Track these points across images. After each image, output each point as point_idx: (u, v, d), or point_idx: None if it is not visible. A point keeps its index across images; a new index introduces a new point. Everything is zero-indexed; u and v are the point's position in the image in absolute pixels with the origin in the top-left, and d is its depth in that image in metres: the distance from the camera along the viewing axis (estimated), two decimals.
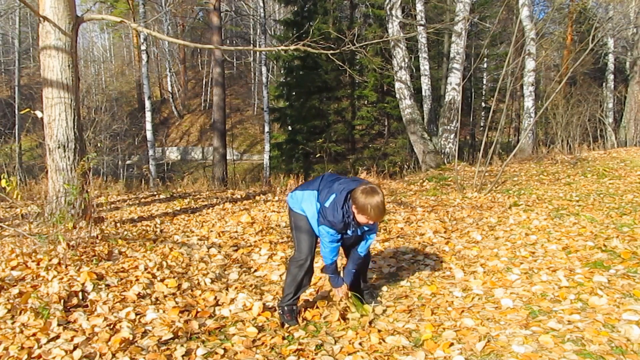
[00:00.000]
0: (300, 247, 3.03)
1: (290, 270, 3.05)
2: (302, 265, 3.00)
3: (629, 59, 15.86)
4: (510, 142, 20.88)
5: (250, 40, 30.83)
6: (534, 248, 4.29)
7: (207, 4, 16.55)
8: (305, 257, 3.00)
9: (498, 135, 9.71)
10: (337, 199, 2.79)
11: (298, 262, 3.01)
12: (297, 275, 3.02)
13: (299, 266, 3.01)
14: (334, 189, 2.86)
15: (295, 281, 3.03)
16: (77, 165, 5.07)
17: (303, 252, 3.01)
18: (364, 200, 2.67)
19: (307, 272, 3.04)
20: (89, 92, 26.67)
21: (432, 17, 16.58)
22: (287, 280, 3.08)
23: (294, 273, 3.03)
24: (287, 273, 3.09)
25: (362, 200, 2.67)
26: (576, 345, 2.54)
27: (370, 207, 2.66)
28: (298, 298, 3.12)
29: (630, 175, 7.78)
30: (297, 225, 3.06)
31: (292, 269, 3.04)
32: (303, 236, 3.03)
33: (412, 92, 11.66)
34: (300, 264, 3.01)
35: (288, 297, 3.06)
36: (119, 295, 3.28)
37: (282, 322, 3.04)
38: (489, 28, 13.45)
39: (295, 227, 3.08)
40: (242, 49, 11.35)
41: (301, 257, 3.01)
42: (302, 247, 3.02)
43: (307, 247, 3.01)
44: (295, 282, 3.03)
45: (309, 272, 3.06)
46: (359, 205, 2.69)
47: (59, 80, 5.06)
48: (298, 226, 3.05)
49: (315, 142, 16.36)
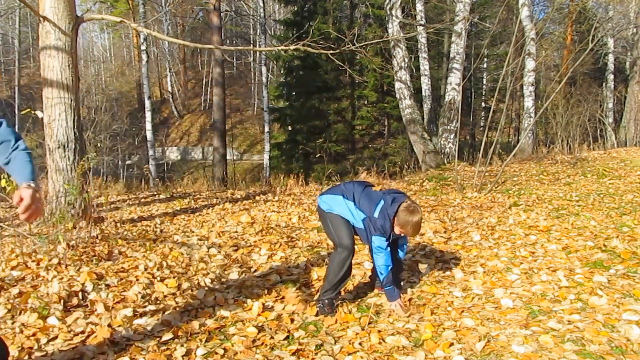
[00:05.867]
0: (342, 241, 3.11)
1: (333, 264, 3.12)
2: (347, 258, 3.10)
3: (629, 59, 15.86)
4: (510, 142, 20.88)
5: (250, 40, 30.81)
6: (534, 248, 4.28)
7: (207, 4, 16.56)
8: (349, 249, 3.10)
9: (498, 135, 9.71)
10: (388, 210, 3.00)
11: (342, 255, 3.10)
12: (341, 269, 3.09)
13: (343, 259, 3.09)
14: (379, 198, 3.07)
15: (339, 275, 3.10)
16: (77, 165, 5.07)
17: (346, 245, 3.10)
18: (406, 218, 2.94)
19: (349, 266, 3.14)
20: (89, 92, 26.62)
21: (432, 17, 16.58)
22: (329, 274, 3.14)
23: (337, 267, 3.10)
24: (330, 268, 3.15)
25: (404, 217, 2.95)
26: (576, 345, 2.54)
27: (410, 225, 2.94)
28: (339, 292, 3.22)
29: (630, 175, 7.78)
30: (333, 223, 3.17)
31: (335, 263, 3.11)
32: (343, 230, 3.12)
33: (412, 92, 11.66)
34: (344, 257, 3.09)
35: (330, 290, 3.13)
36: (119, 295, 3.27)
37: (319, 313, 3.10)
38: (489, 28, 13.44)
39: (332, 225, 3.17)
40: (242, 49, 11.37)
41: (345, 250, 3.10)
42: (343, 241, 3.11)
43: (349, 239, 3.11)
44: (338, 276, 3.10)
45: (351, 266, 3.16)
46: (401, 220, 2.95)
47: (59, 80, 5.06)
48: (335, 224, 3.15)
49: (315, 142, 16.38)
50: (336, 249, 3.16)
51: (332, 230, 3.19)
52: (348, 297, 3.39)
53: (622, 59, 17.55)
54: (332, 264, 3.14)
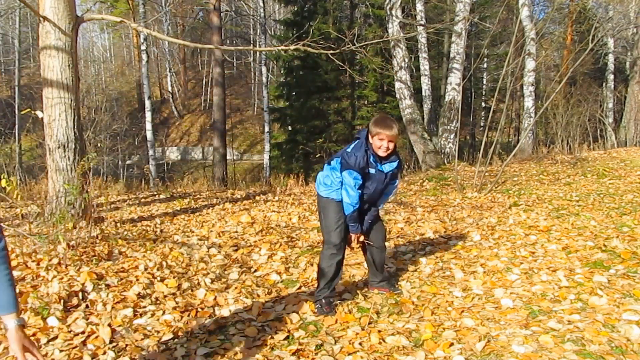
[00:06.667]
0: (329, 237, 3.10)
1: (322, 262, 3.11)
2: (334, 255, 3.08)
3: (629, 59, 15.86)
4: (510, 142, 20.88)
5: (250, 40, 30.81)
6: (534, 248, 4.28)
7: (207, 4, 16.56)
8: (335, 246, 3.08)
9: (498, 135, 9.71)
10: (360, 136, 3.06)
11: (328, 252, 3.09)
12: (329, 267, 3.08)
13: (330, 256, 3.08)
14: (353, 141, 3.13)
15: (329, 272, 3.09)
16: (77, 165, 5.07)
17: (331, 241, 3.08)
18: (373, 122, 3.01)
19: (338, 262, 3.11)
20: (89, 92, 26.61)
21: (432, 17, 16.58)
22: (320, 273, 3.13)
23: (325, 265, 3.09)
24: (319, 266, 3.14)
25: (372, 125, 3.00)
26: (576, 345, 2.54)
27: (377, 122, 2.98)
28: (334, 289, 3.19)
29: (630, 175, 7.78)
30: (324, 213, 3.12)
31: (323, 261, 3.11)
32: (331, 224, 3.09)
33: (412, 92, 11.66)
34: (330, 254, 3.08)
35: (324, 289, 3.12)
36: (119, 295, 3.27)
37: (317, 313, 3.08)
38: (489, 28, 13.44)
39: (323, 214, 3.14)
40: (242, 49, 11.37)
41: (330, 247, 3.08)
42: (330, 237, 3.09)
43: (336, 237, 3.08)
44: (329, 274, 3.09)
45: (340, 263, 3.14)
46: (371, 129, 2.99)
47: (59, 80, 5.05)
48: (325, 214, 3.11)
49: (315, 142, 16.37)
50: (323, 245, 3.16)
51: (322, 222, 3.17)
52: (348, 297, 3.39)
53: (622, 59, 17.55)
54: (321, 261, 3.13)
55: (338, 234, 3.08)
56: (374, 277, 3.45)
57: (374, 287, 3.46)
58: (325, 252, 3.12)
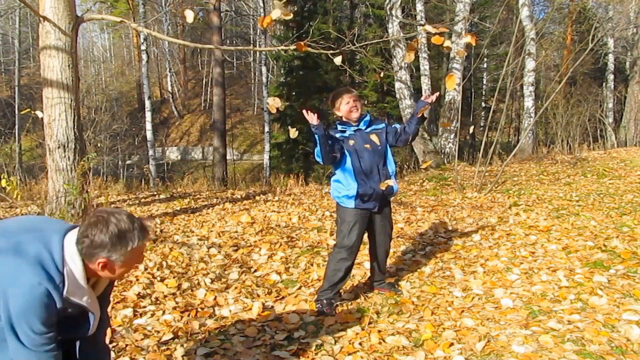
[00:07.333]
0: (341, 240, 3.10)
1: (331, 264, 3.11)
2: (345, 259, 3.09)
3: (629, 59, 15.86)
4: (510, 142, 20.87)
5: (250, 40, 30.79)
6: (534, 248, 4.28)
7: (207, 4, 16.56)
8: (347, 250, 3.08)
9: (498, 135, 9.71)
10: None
11: (339, 255, 3.09)
12: (339, 269, 3.09)
13: (341, 259, 3.09)
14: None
15: (336, 275, 3.09)
16: (77, 165, 5.06)
17: (344, 245, 3.09)
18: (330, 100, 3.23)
19: (348, 267, 3.12)
20: (89, 92, 26.59)
21: (432, 17, 16.57)
22: (327, 274, 3.13)
23: (335, 267, 3.09)
24: (327, 267, 3.14)
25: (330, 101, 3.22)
26: (576, 345, 2.54)
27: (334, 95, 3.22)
28: (338, 292, 3.19)
29: (630, 175, 7.78)
30: (340, 216, 3.15)
31: (332, 263, 3.11)
32: (345, 228, 3.09)
33: (412, 92, 11.66)
34: (341, 257, 3.09)
35: (328, 291, 3.12)
36: (119, 295, 3.27)
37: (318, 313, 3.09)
38: (489, 28, 13.44)
39: (339, 218, 3.17)
40: (242, 49, 11.37)
41: (342, 250, 3.09)
42: (343, 241, 3.09)
43: (348, 240, 3.08)
44: (336, 277, 3.09)
45: (350, 267, 3.15)
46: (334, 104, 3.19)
47: (59, 80, 5.05)
48: (341, 217, 3.13)
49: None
50: (335, 247, 3.16)
51: (338, 225, 3.18)
52: (348, 297, 3.39)
53: (622, 59, 17.54)
54: (330, 263, 3.13)
55: (350, 239, 3.08)
56: (378, 278, 3.46)
57: (375, 287, 3.46)
58: (335, 254, 3.13)
